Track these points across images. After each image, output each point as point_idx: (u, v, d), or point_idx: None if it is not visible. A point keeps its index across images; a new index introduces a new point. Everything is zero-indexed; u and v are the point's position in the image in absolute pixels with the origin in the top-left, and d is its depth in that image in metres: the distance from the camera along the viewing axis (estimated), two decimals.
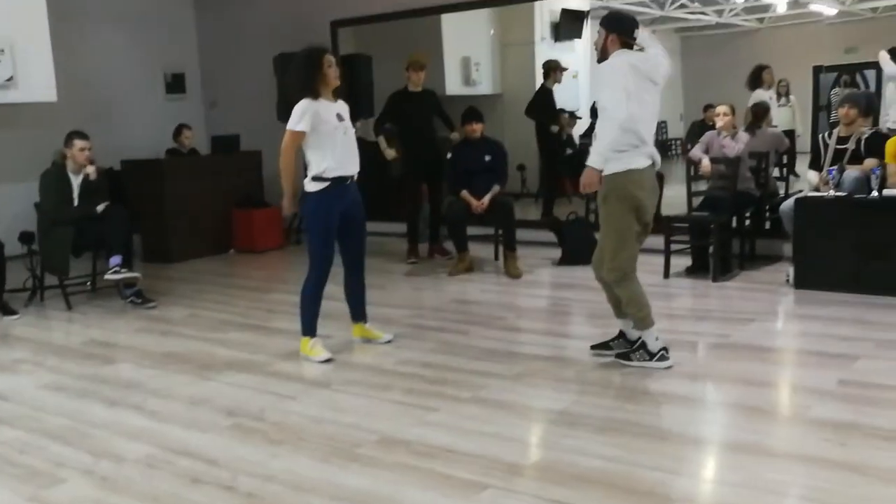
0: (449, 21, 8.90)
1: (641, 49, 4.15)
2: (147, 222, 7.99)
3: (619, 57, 4.07)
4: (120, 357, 5.04)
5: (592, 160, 4.03)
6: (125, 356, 5.04)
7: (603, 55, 4.15)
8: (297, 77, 4.52)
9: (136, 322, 5.87)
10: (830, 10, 8.53)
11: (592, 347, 4.48)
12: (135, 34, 9.60)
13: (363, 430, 3.57)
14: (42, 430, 3.78)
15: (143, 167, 8.29)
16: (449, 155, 6.99)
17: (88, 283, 6.67)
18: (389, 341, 4.92)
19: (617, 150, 4.00)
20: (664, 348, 4.24)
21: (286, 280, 7.12)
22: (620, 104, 3.95)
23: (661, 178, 4.31)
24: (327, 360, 4.58)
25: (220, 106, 10.24)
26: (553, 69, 8.54)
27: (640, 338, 4.27)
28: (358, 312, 4.95)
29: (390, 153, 7.37)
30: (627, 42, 4.11)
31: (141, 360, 4.86)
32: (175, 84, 10.14)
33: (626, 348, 4.34)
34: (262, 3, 9.60)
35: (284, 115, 8.87)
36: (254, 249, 8.50)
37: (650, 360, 4.22)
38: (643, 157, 4.08)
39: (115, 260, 6.11)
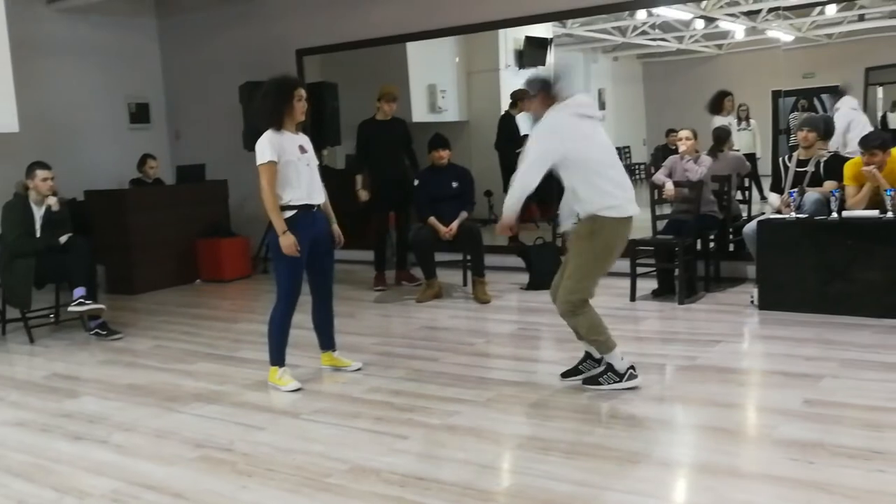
0: (414, 49, 8.97)
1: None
2: (111, 253, 7.91)
3: (553, 113, 4.13)
4: (84, 390, 4.96)
5: (506, 207, 4.22)
6: (89, 389, 4.96)
7: (536, 120, 4.23)
8: (266, 106, 4.50)
9: (100, 354, 5.79)
10: (787, 37, 8.73)
11: (563, 375, 4.49)
12: (98, 64, 9.53)
13: (333, 460, 3.53)
14: (4, 467, 3.70)
15: (107, 197, 8.22)
16: (416, 182, 7.01)
17: (51, 316, 6.57)
18: (359, 369, 4.89)
19: (610, 197, 4.09)
20: (631, 366, 4.27)
21: (254, 309, 7.06)
22: (531, 172, 4.10)
23: None
24: (296, 390, 4.54)
25: (186, 135, 10.19)
26: (522, 99, 8.62)
27: (604, 360, 4.29)
28: (326, 341, 4.92)
29: (363, 194, 7.38)
30: (551, 97, 4.17)
31: (105, 393, 4.79)
32: (139, 114, 10.07)
33: (594, 367, 4.35)
34: (227, 32, 9.60)
35: (251, 143, 8.87)
36: (221, 279, 8.44)
37: (620, 380, 4.24)
38: (630, 207, 4.18)
39: (79, 292, 6.03)
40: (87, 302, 6.03)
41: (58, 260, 6.12)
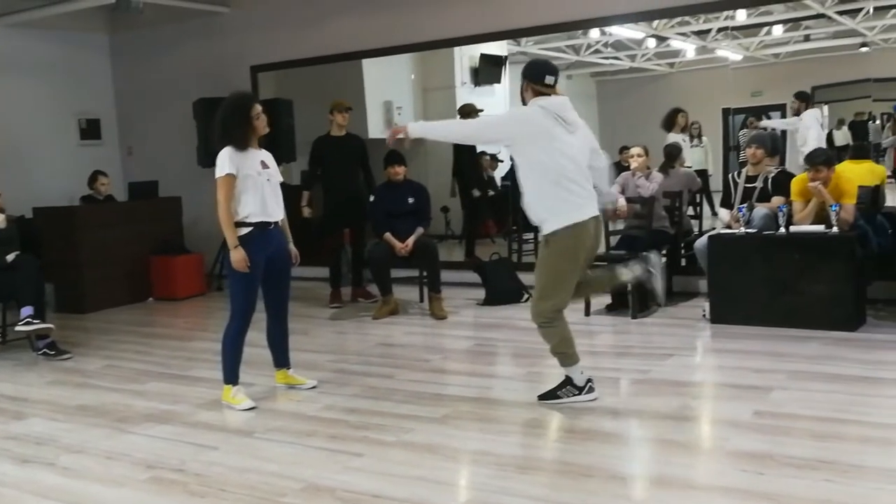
0: (370, 66, 8.98)
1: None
2: (60, 271, 7.76)
3: (532, 105, 4.13)
4: (31, 412, 4.84)
5: (419, 125, 4.25)
6: (37, 411, 4.84)
7: (523, 104, 4.25)
8: (224, 124, 4.47)
9: (48, 375, 5.66)
10: (736, 56, 8.92)
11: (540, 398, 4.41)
12: (48, 80, 9.38)
13: (287, 479, 3.50)
14: None
15: (56, 215, 8.08)
16: (372, 198, 7.00)
17: None
18: (314, 387, 4.86)
19: (556, 207, 4.06)
20: (589, 380, 4.31)
21: (207, 327, 6.98)
22: (478, 132, 4.24)
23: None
24: (250, 409, 4.49)
25: (138, 152, 10.06)
26: (469, 113, 8.66)
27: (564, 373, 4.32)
28: (281, 359, 4.88)
29: (306, 211, 7.36)
30: (539, 90, 4.16)
31: (54, 415, 4.68)
32: (90, 130, 9.92)
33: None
34: (181, 48, 9.53)
35: (205, 160, 8.79)
36: (174, 297, 8.33)
37: (579, 393, 4.27)
38: (585, 209, 4.11)
39: (27, 311, 5.91)
40: (35, 321, 5.90)
41: (4, 278, 6.00)
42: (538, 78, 4.16)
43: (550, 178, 4.06)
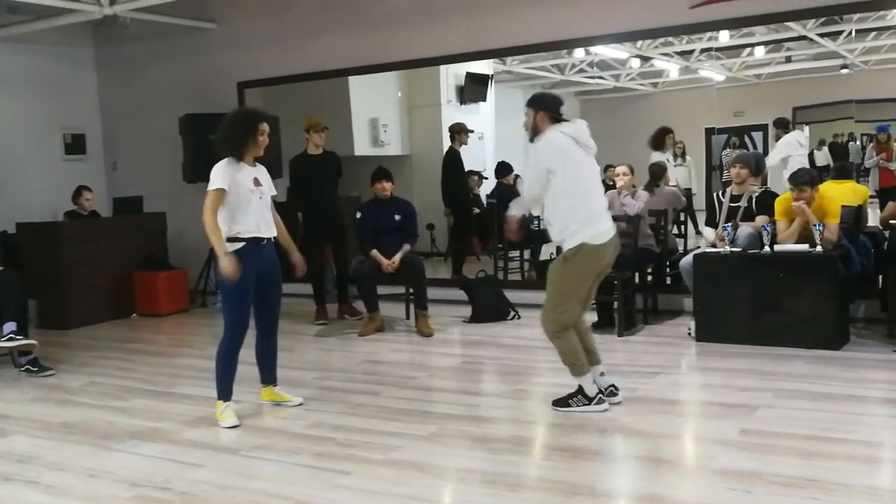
0: (356, 83, 9.01)
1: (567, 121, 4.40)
2: (44, 287, 7.69)
3: (553, 132, 4.29)
4: (13, 429, 4.77)
5: (511, 210, 4.57)
6: (19, 428, 4.78)
7: (535, 133, 4.39)
8: (229, 135, 4.47)
9: (31, 391, 5.60)
10: (719, 76, 9.02)
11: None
12: (32, 94, 9.34)
13: (273, 497, 3.47)
14: None
15: (40, 230, 8.02)
16: (359, 214, 7.00)
17: None
18: (300, 404, 4.83)
19: (580, 226, 4.24)
20: (601, 391, 4.38)
21: (192, 344, 6.94)
22: (534, 185, 4.32)
23: None
24: (232, 427, 4.46)
25: (123, 167, 10.02)
26: (458, 132, 8.70)
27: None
28: (268, 375, 4.86)
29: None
30: (556, 118, 4.36)
31: (37, 432, 4.63)
32: (75, 145, 9.88)
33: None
34: (167, 64, 9.51)
35: (191, 175, 8.77)
36: (158, 313, 8.27)
37: (589, 404, 4.35)
38: (604, 233, 4.31)
39: (9, 327, 5.84)
40: (18, 337, 5.84)
41: None
42: (556, 109, 4.40)
43: (575, 198, 4.26)
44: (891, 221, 6.04)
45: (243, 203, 4.43)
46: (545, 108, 4.39)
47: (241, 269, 4.35)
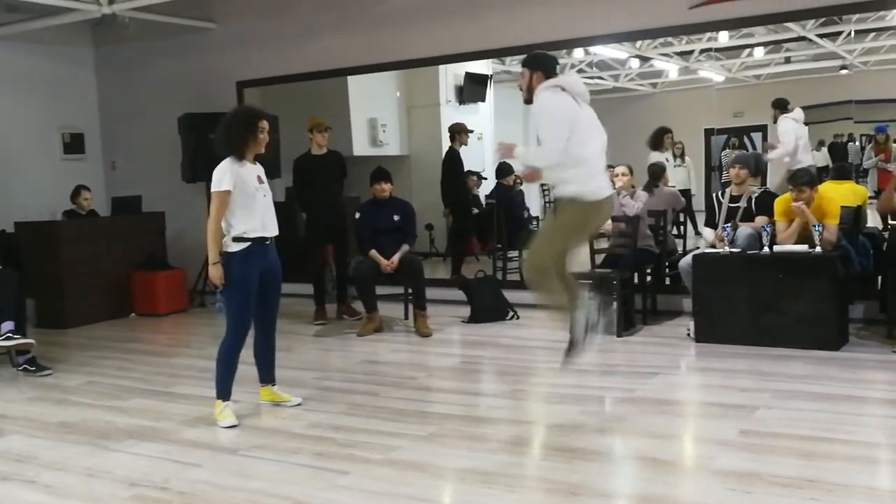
0: (355, 83, 9.00)
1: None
2: (42, 286, 7.68)
3: (548, 88, 4.23)
4: (11, 429, 4.76)
5: (525, 158, 4.39)
6: (17, 427, 4.77)
7: (529, 94, 4.34)
8: (229, 134, 4.47)
9: (29, 391, 5.59)
10: (718, 77, 9.03)
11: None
12: (31, 93, 9.33)
13: (273, 497, 3.47)
14: None
15: (38, 229, 8.01)
16: (358, 214, 6.99)
17: None
18: (299, 404, 4.83)
19: (578, 177, 4.17)
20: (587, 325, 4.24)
21: (190, 343, 6.93)
22: (557, 139, 4.14)
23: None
24: (230, 427, 4.45)
25: (122, 166, 10.01)
26: (458, 132, 8.71)
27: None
28: (266, 375, 4.85)
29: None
30: (550, 76, 4.31)
31: (34, 432, 4.62)
32: (74, 144, 9.86)
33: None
34: (166, 63, 9.50)
35: (190, 175, 8.76)
36: (156, 313, 8.26)
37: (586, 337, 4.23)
38: (601, 189, 4.27)
39: (7, 326, 5.83)
40: (16, 336, 5.83)
41: None
42: (552, 70, 4.36)
43: (573, 154, 4.15)
44: (891, 222, 6.04)
45: (249, 201, 4.44)
46: (542, 69, 4.34)
47: (239, 273, 4.38)
